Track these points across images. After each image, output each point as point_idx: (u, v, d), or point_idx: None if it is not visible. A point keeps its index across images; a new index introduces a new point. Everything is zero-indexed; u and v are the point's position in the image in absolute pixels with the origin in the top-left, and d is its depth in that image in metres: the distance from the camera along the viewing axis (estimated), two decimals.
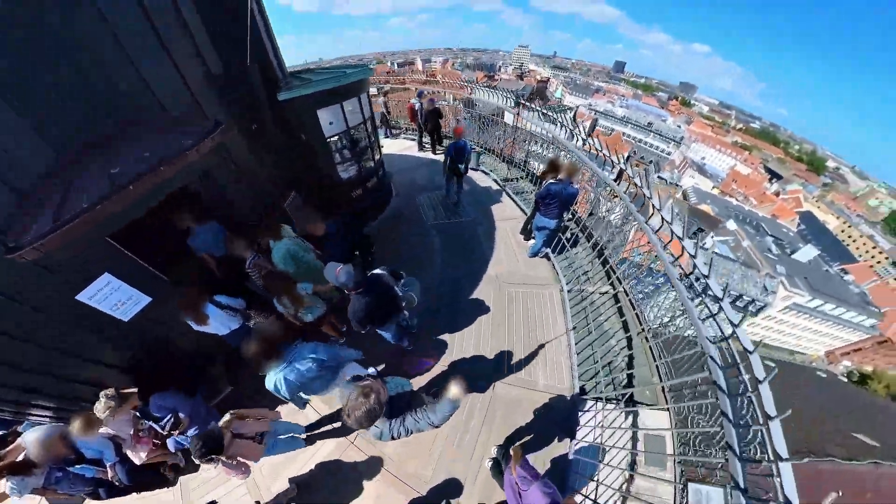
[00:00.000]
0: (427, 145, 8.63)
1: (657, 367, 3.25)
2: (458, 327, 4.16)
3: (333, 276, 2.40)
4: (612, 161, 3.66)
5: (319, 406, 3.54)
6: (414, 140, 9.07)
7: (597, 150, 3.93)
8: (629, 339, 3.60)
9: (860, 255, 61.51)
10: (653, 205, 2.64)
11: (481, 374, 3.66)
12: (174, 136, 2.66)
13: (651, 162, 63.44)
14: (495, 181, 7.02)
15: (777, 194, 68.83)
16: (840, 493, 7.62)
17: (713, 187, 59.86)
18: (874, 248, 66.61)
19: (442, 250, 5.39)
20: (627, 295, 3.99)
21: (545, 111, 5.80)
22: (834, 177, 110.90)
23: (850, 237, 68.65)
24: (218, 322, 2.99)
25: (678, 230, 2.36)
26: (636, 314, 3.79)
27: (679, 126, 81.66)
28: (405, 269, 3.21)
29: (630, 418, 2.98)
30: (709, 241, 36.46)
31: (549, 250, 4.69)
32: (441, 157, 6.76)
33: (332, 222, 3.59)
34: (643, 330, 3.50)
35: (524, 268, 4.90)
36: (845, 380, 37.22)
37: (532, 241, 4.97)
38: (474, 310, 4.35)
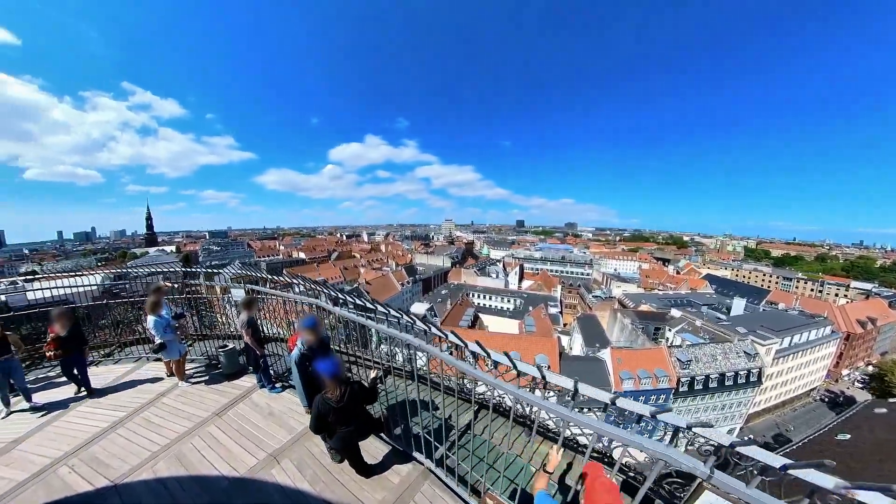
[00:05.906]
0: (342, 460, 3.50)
1: None
2: None
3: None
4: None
5: None
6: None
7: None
8: None
9: (761, 285, 77.72)
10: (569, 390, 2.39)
11: None
12: None
13: (579, 285, 75.79)
14: None
15: (678, 272, 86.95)
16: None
17: (638, 286, 72.21)
18: (764, 275, 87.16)
19: None
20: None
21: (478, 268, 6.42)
22: (694, 245, 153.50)
23: (743, 277, 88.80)
24: None
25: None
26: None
27: (584, 252, 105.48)
28: None
29: None
30: (669, 335, 37.40)
31: None
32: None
33: None
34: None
35: None
36: (864, 393, 36.96)
37: None
38: None
